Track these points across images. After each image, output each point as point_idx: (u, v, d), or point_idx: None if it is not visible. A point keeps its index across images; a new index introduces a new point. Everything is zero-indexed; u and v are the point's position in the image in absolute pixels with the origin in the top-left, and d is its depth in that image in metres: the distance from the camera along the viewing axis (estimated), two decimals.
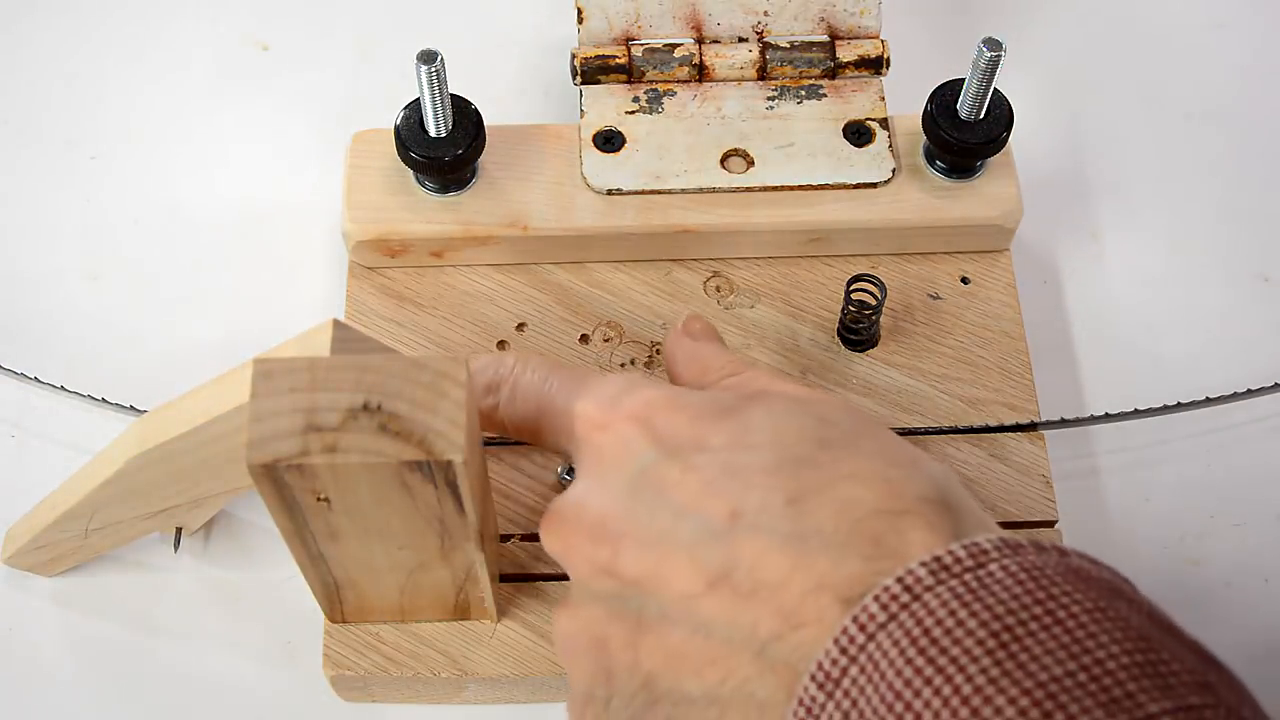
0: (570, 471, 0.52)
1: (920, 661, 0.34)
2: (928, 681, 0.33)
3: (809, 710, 0.36)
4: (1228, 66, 0.67)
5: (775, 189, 0.56)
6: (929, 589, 0.35)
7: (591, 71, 0.57)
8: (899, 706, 0.33)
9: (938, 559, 0.35)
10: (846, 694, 0.35)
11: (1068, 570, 0.36)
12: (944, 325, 0.56)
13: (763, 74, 0.58)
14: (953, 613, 0.34)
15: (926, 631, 0.34)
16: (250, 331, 0.58)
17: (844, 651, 0.35)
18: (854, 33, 0.58)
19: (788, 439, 0.40)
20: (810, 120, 0.57)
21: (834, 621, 0.36)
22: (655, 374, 0.55)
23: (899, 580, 0.35)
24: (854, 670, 0.35)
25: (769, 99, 0.58)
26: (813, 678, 0.35)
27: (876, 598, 0.35)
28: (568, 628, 0.42)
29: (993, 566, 0.35)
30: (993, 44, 0.52)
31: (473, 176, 0.56)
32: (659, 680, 0.40)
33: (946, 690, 0.33)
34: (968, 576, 0.35)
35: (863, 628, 0.35)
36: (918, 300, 0.57)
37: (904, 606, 0.35)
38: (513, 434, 0.45)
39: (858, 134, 0.57)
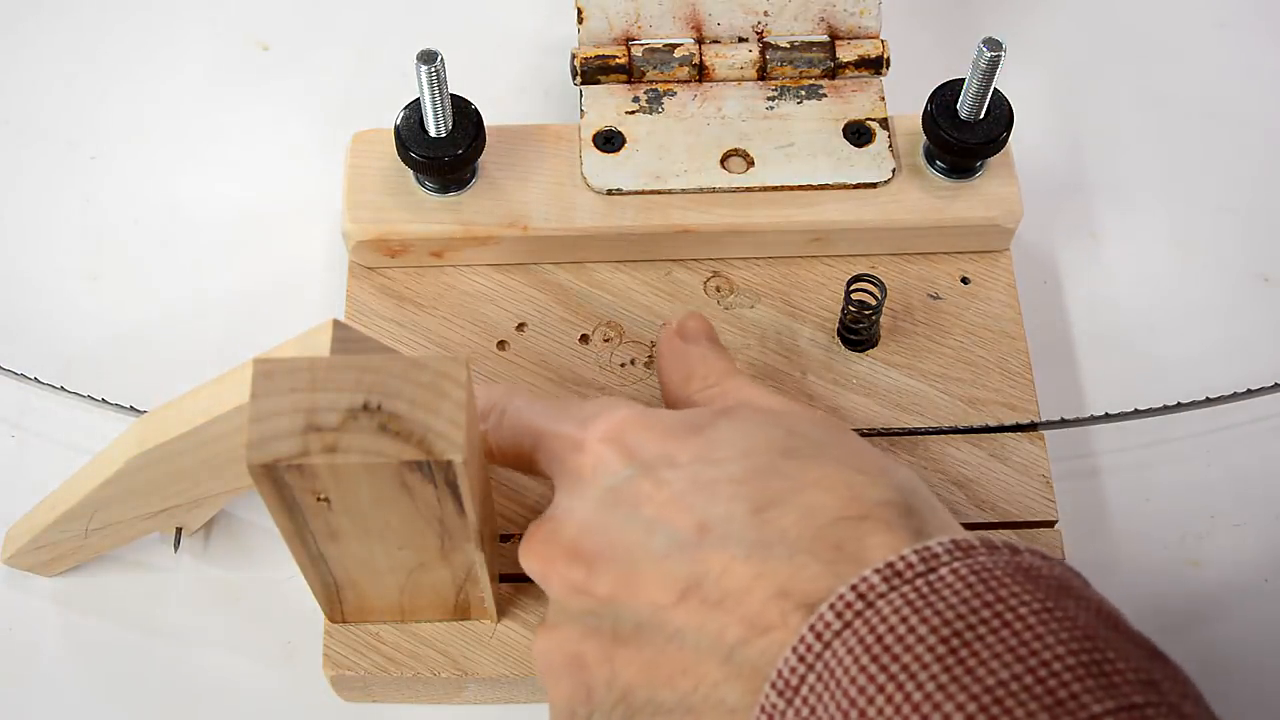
0: None
1: (874, 669, 0.34)
2: (880, 689, 0.34)
3: (770, 718, 0.37)
4: (1228, 66, 0.67)
5: (775, 189, 0.56)
6: (882, 595, 0.36)
7: (591, 71, 0.57)
8: (854, 714, 0.34)
9: (890, 565, 0.36)
10: (805, 701, 0.36)
11: (1017, 570, 0.36)
12: (944, 325, 0.56)
13: (763, 74, 0.58)
14: (904, 619, 0.35)
15: (879, 639, 0.35)
16: (250, 331, 0.58)
17: (801, 659, 0.36)
18: (854, 33, 0.58)
19: (754, 450, 0.41)
20: (810, 120, 0.57)
21: (797, 626, 0.37)
22: (654, 374, 0.55)
23: (853, 588, 0.36)
24: (811, 678, 0.36)
25: (769, 99, 0.58)
26: (773, 685, 0.36)
27: (832, 605, 0.36)
28: (545, 648, 0.43)
29: (944, 570, 0.36)
30: (993, 44, 0.52)
31: (473, 176, 0.56)
32: (636, 692, 0.41)
33: (898, 697, 0.34)
34: (919, 582, 0.36)
35: (819, 636, 0.36)
36: (918, 300, 0.57)
37: (858, 614, 0.36)
38: (500, 460, 0.47)
39: (858, 134, 0.57)
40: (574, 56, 0.57)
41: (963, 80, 0.54)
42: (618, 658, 0.41)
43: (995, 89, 0.54)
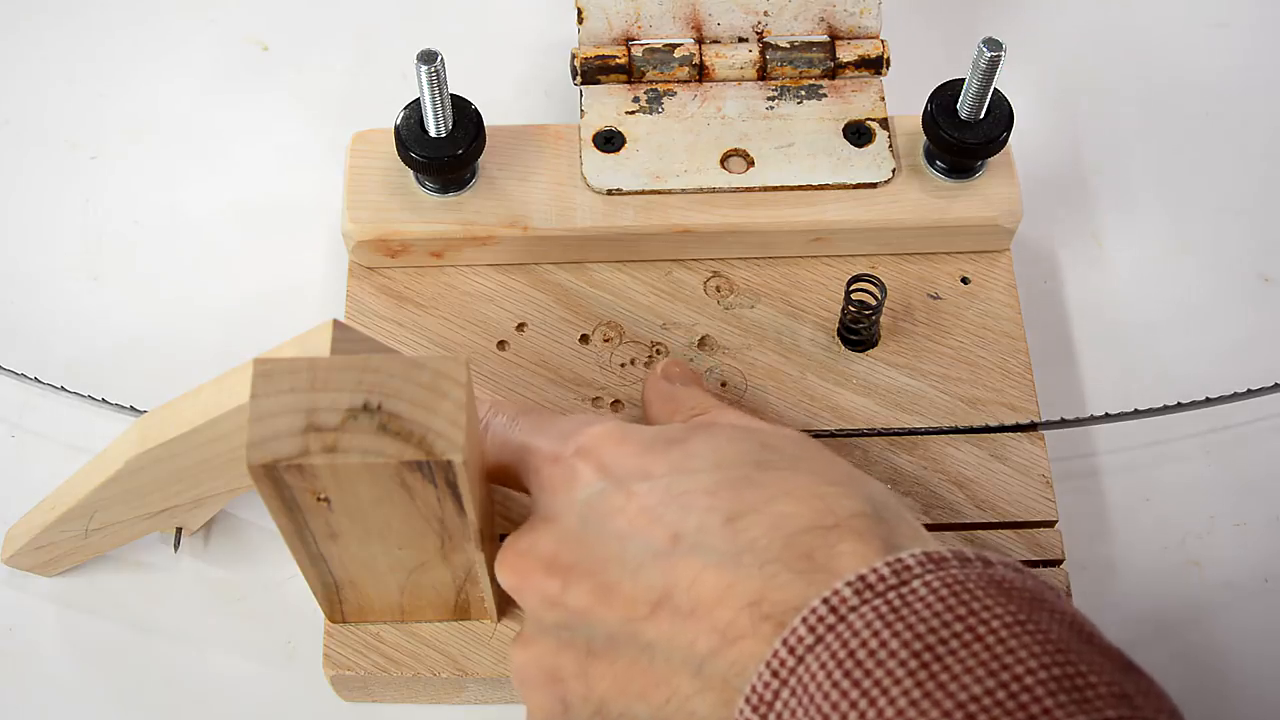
0: None
1: (846, 684, 0.34)
2: (853, 705, 0.34)
3: None
4: (1228, 66, 0.67)
5: (775, 189, 0.56)
6: (854, 609, 0.36)
7: (591, 71, 0.57)
8: None
9: (862, 578, 0.36)
10: (779, 716, 0.36)
11: (990, 582, 0.36)
12: (944, 325, 0.56)
13: (763, 74, 0.58)
14: (876, 633, 0.35)
15: (851, 654, 0.35)
16: (250, 331, 0.58)
17: (775, 674, 0.36)
18: (854, 33, 0.58)
19: (727, 462, 0.41)
20: (810, 120, 0.57)
21: (767, 637, 0.37)
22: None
23: (825, 601, 0.36)
24: (785, 693, 0.36)
25: (769, 99, 0.58)
26: (747, 700, 0.36)
27: (804, 619, 0.36)
28: (522, 661, 0.43)
29: (915, 583, 0.36)
30: (993, 44, 0.52)
31: (473, 176, 0.56)
32: (610, 705, 0.41)
33: (871, 713, 0.34)
34: (891, 595, 0.36)
35: (792, 650, 0.36)
36: (918, 300, 0.57)
37: (830, 628, 0.35)
38: (487, 477, 0.46)
39: (858, 134, 0.57)
40: (574, 56, 0.57)
41: (963, 80, 0.54)
42: (592, 671, 0.41)
43: (995, 89, 0.54)
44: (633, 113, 0.57)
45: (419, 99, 0.53)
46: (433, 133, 0.54)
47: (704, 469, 0.41)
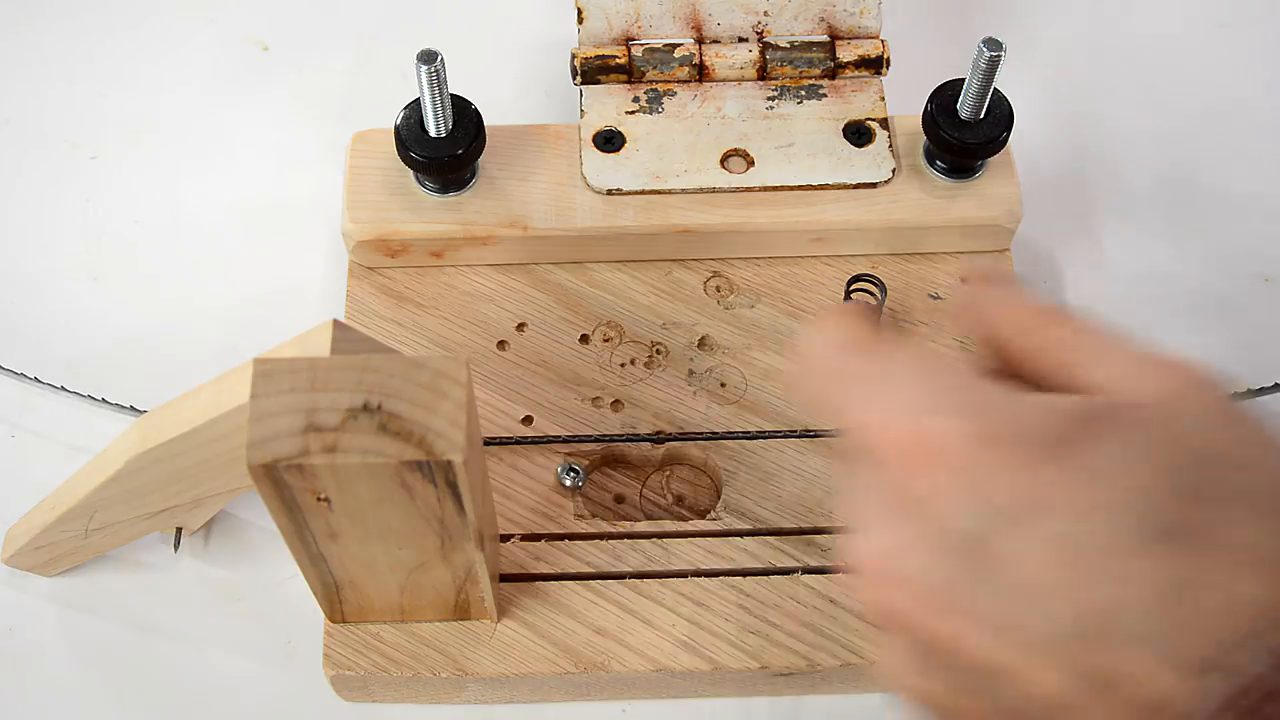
0: (570, 470, 0.52)
1: None
2: None
3: None
4: (1229, 66, 0.67)
5: (775, 189, 0.56)
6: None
7: (591, 71, 0.57)
8: None
9: None
10: None
11: None
12: (944, 325, 0.56)
13: (763, 74, 0.58)
14: None
15: None
16: (250, 331, 0.58)
17: None
18: (854, 33, 0.58)
19: (1149, 498, 0.32)
20: (810, 120, 0.57)
21: None
22: (655, 374, 0.55)
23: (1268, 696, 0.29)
24: None
25: (769, 99, 0.58)
26: None
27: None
28: (909, 692, 0.36)
29: None
30: (993, 44, 0.52)
31: (473, 176, 0.56)
32: None
33: None
34: None
35: None
36: (918, 300, 0.57)
37: None
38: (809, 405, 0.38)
39: (858, 134, 0.57)
40: (574, 56, 0.57)
41: (963, 80, 0.54)
42: None
43: (995, 89, 0.54)
44: (633, 113, 0.57)
45: (419, 99, 0.53)
46: (433, 133, 0.54)
47: (1118, 506, 0.32)
